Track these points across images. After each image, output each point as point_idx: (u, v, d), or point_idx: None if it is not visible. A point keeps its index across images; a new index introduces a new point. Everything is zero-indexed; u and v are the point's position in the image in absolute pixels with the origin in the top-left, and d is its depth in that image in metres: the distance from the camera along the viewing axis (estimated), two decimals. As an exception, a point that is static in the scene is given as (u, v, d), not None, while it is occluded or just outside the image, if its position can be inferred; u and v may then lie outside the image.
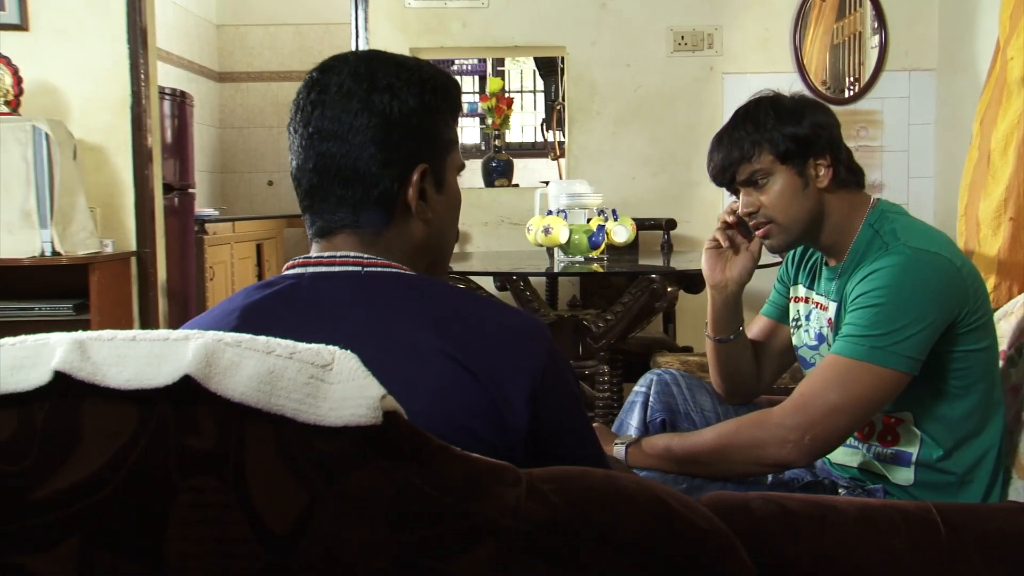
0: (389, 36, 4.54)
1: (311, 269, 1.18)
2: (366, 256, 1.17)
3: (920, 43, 4.54)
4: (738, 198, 1.89)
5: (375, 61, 1.21)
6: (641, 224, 4.34)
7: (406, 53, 4.24)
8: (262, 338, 0.89)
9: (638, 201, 4.52)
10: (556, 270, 3.34)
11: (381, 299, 1.14)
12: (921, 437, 1.78)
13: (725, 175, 1.85)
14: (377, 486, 0.86)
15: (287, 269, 1.20)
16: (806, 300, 1.98)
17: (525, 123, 7.94)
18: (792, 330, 2.03)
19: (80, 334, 0.88)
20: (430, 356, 1.08)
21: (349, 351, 0.88)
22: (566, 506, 0.87)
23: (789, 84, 4.52)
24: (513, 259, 3.78)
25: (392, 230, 1.20)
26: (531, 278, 4.03)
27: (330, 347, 0.88)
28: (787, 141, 1.79)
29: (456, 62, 7.65)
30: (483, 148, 6.79)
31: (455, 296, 1.17)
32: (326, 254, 1.19)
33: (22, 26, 4.41)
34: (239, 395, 0.84)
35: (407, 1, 4.52)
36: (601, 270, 3.26)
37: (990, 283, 3.27)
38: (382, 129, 1.16)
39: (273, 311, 1.14)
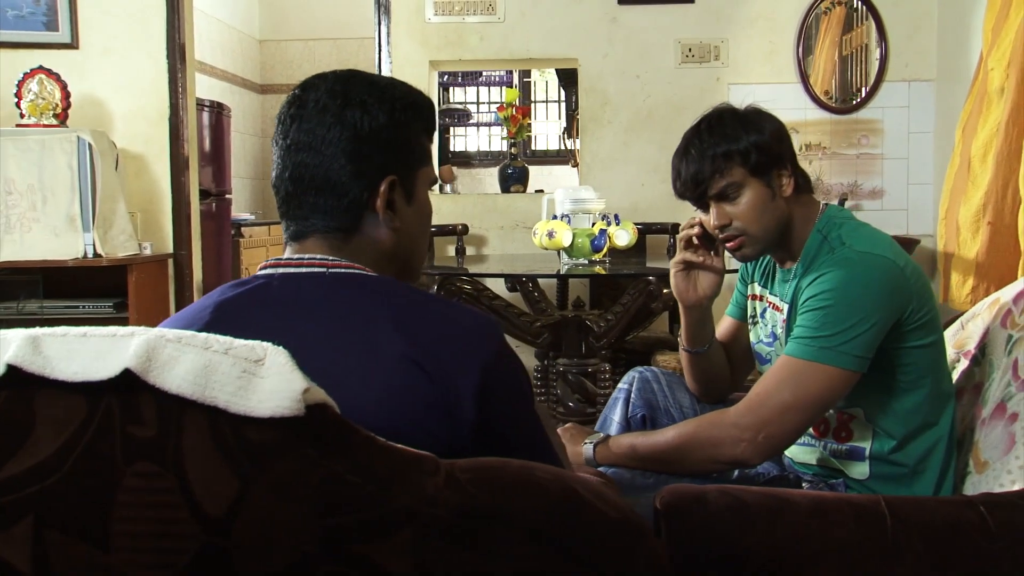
0: (411, 50, 4.57)
1: (281, 270, 1.21)
2: (332, 259, 1.20)
3: (920, 55, 4.50)
4: (705, 212, 1.86)
5: (351, 80, 1.24)
6: (648, 228, 4.36)
7: (426, 66, 4.30)
8: (202, 335, 0.92)
9: (647, 206, 4.52)
10: (561, 272, 3.35)
11: (343, 299, 1.16)
12: (873, 431, 1.78)
13: (697, 190, 1.81)
14: (304, 473, 0.88)
15: (261, 269, 1.24)
16: (761, 299, 1.98)
17: (550, 132, 7.95)
18: (749, 326, 2.03)
19: (36, 330, 0.91)
20: (386, 354, 1.10)
21: (281, 347, 0.90)
22: (481, 494, 0.89)
23: (793, 94, 4.52)
24: (527, 262, 3.80)
25: (361, 237, 1.23)
26: (543, 280, 4.06)
27: (264, 343, 0.91)
28: (756, 152, 1.76)
29: (484, 73, 7.71)
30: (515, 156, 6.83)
31: (412, 297, 1.19)
32: (296, 256, 1.22)
33: (72, 44, 4.51)
34: (175, 387, 0.87)
35: (427, 16, 4.55)
36: (603, 272, 3.27)
37: (968, 285, 3.25)
38: (353, 142, 1.20)
39: (244, 308, 1.18)
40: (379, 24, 4.58)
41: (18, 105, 4.21)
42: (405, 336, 1.10)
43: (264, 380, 0.88)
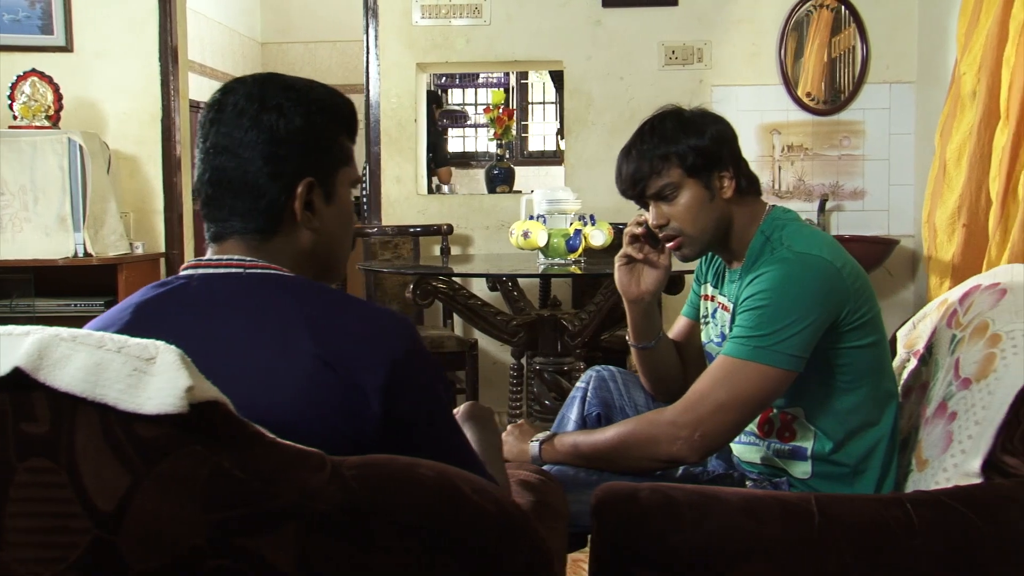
0: (398, 52, 4.59)
1: (201, 271, 1.22)
2: (249, 259, 1.21)
3: (900, 57, 4.49)
4: (647, 211, 1.88)
5: (268, 83, 1.25)
6: (630, 228, 4.35)
7: (414, 68, 4.31)
8: (97, 333, 0.93)
9: (631, 207, 4.44)
10: (538, 272, 3.35)
11: (258, 299, 1.18)
12: (814, 432, 1.78)
13: (635, 189, 1.84)
14: (192, 469, 0.90)
15: (183, 270, 1.25)
16: (712, 299, 1.99)
17: (546, 133, 7.96)
18: (702, 326, 2.03)
19: (-64, 330, 0.93)
20: (296, 353, 1.11)
21: (174, 346, 0.92)
22: (363, 490, 0.90)
23: (775, 95, 4.52)
24: (511, 261, 3.80)
25: (279, 238, 1.24)
26: (526, 280, 4.07)
27: (157, 342, 0.92)
28: (693, 154, 1.77)
29: (481, 76, 7.71)
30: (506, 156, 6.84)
31: (326, 296, 1.20)
32: (215, 257, 1.23)
33: (67, 48, 4.56)
34: (65, 385, 0.88)
35: (415, 19, 4.56)
36: (579, 272, 3.27)
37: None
38: (269, 145, 1.20)
39: (163, 308, 1.19)
40: (367, 27, 4.59)
41: (11, 107, 4.25)
42: (317, 336, 1.12)
43: (153, 378, 0.89)
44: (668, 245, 1.87)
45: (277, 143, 1.20)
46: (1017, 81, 2.89)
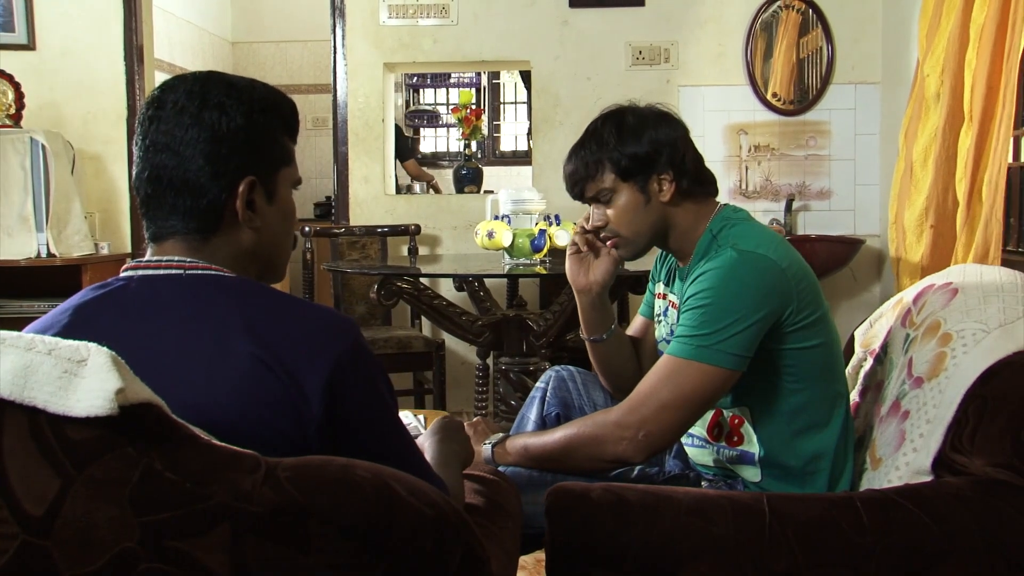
0: (365, 52, 4.57)
1: (140, 272, 1.20)
2: (189, 260, 1.19)
3: (865, 58, 4.52)
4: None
5: (209, 81, 1.23)
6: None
7: (381, 68, 4.29)
8: (28, 335, 0.92)
9: (598, 207, 4.51)
10: (503, 272, 3.34)
11: (197, 300, 1.16)
12: (759, 434, 1.78)
13: (575, 190, 1.88)
14: (123, 471, 0.88)
15: (124, 271, 1.23)
16: (664, 297, 1.99)
17: (519, 133, 7.95)
18: (655, 324, 2.04)
19: None
20: (234, 353, 1.10)
21: (106, 348, 0.90)
22: (297, 492, 0.89)
23: (742, 96, 4.54)
24: (478, 261, 3.79)
25: (220, 237, 1.22)
26: (494, 280, 4.06)
27: (89, 344, 0.91)
28: (627, 159, 1.78)
29: (453, 76, 7.69)
30: (478, 156, 6.83)
31: (267, 296, 1.19)
32: (155, 258, 1.21)
33: (30, 46, 4.50)
34: (-8, 387, 0.87)
35: (382, 19, 4.54)
36: (544, 271, 3.26)
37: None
38: (210, 143, 1.18)
39: (101, 310, 1.17)
40: (334, 27, 4.57)
41: (-30, 106, 4.20)
42: (256, 336, 1.11)
43: (83, 380, 0.88)
44: (608, 244, 1.89)
45: (218, 141, 1.19)
46: (979, 84, 2.91)
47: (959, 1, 3.10)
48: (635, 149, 1.78)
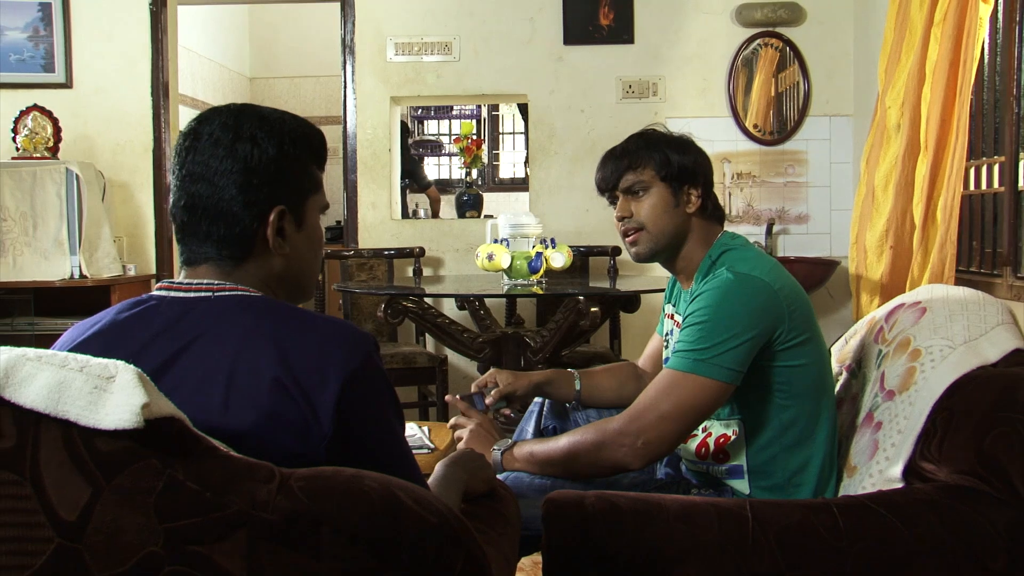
0: (373, 87, 4.59)
1: (172, 293, 1.19)
2: (218, 283, 1.18)
3: (838, 92, 4.55)
4: (614, 207, 1.90)
5: (242, 114, 1.22)
6: (591, 251, 4.38)
7: (388, 101, 4.31)
8: (61, 353, 0.92)
9: (591, 230, 4.54)
10: (502, 292, 3.35)
11: (222, 320, 1.15)
12: (747, 449, 1.79)
13: (610, 181, 1.87)
14: (148, 481, 0.89)
15: (156, 290, 1.21)
16: (672, 317, 2.00)
17: (516, 161, 7.97)
18: (665, 344, 2.04)
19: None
20: (255, 373, 1.08)
21: (133, 366, 0.91)
22: (309, 501, 0.89)
23: (724, 126, 4.55)
24: (479, 282, 3.79)
25: (251, 263, 1.21)
26: (494, 300, 4.07)
27: (117, 362, 0.91)
28: (673, 164, 1.81)
29: (455, 108, 7.72)
30: (479, 183, 6.84)
31: (288, 313, 1.17)
32: (187, 280, 1.20)
33: (67, 84, 4.56)
34: (30, 402, 0.88)
35: (389, 56, 4.56)
36: (540, 291, 3.27)
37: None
38: (243, 174, 1.18)
39: (131, 329, 1.16)
40: (344, 63, 4.60)
41: (14, 140, 4.24)
42: (278, 354, 1.09)
43: (112, 395, 0.88)
44: (626, 240, 1.89)
45: (251, 172, 1.18)
46: (933, 116, 2.94)
47: (917, 40, 3.13)
48: (682, 158, 1.81)
